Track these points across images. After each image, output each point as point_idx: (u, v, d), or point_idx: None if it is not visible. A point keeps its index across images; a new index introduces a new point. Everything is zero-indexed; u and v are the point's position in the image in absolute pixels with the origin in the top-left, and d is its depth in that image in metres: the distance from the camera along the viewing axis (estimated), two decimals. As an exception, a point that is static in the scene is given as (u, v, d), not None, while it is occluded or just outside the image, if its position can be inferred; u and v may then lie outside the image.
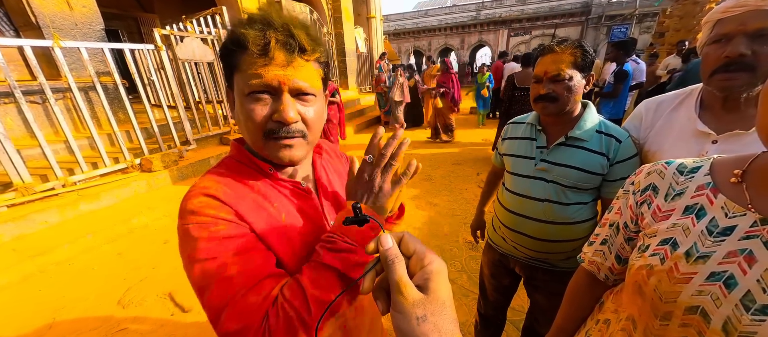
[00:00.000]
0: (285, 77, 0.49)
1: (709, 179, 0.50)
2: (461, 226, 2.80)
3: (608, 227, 0.65)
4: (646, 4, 15.79)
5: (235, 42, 0.49)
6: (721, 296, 0.42)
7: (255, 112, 0.50)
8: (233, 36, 0.49)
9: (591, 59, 0.93)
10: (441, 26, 22.41)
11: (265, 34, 0.47)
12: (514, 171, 1.10)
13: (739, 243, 0.43)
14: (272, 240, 0.53)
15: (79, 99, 3.03)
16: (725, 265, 0.43)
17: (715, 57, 0.70)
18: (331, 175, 0.70)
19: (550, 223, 1.00)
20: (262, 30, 0.47)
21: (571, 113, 0.98)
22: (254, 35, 0.47)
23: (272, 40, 0.47)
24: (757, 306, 0.39)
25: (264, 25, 0.48)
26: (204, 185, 0.53)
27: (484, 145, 5.57)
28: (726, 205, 0.46)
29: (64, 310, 1.97)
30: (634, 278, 0.54)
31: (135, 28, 8.43)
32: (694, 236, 0.47)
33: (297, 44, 0.49)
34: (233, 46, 0.49)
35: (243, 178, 0.56)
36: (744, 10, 0.65)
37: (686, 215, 0.49)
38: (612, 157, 0.92)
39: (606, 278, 0.68)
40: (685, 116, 0.83)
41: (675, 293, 0.46)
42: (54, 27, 3.34)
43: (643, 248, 0.54)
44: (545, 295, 1.13)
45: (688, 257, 0.46)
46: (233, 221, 0.50)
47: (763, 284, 0.40)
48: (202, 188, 0.53)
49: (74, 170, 3.10)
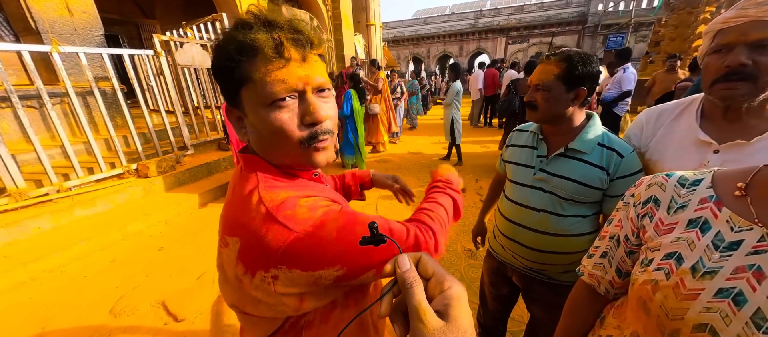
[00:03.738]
0: (306, 77, 0.47)
1: (712, 192, 0.49)
2: (460, 233, 2.77)
3: (608, 239, 0.64)
4: (642, 14, 16.02)
5: (241, 50, 0.44)
6: (730, 313, 0.41)
7: (285, 122, 0.46)
8: (236, 45, 0.44)
9: (579, 74, 0.89)
10: (440, 34, 22.64)
11: (273, 34, 0.44)
12: (513, 179, 1.09)
13: (746, 258, 0.42)
14: None
15: (76, 104, 3.02)
16: (733, 281, 0.42)
17: (716, 67, 0.70)
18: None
19: (546, 233, 0.98)
20: (268, 32, 0.44)
21: (571, 124, 0.96)
22: (264, 38, 0.43)
23: (284, 39, 0.45)
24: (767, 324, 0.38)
25: (269, 26, 0.45)
26: (268, 196, 0.47)
27: (483, 153, 5.58)
28: (731, 218, 0.45)
29: (54, 319, 1.92)
30: (639, 293, 0.52)
31: (135, 34, 8.47)
32: (699, 251, 0.46)
33: (307, 39, 0.47)
34: (239, 55, 0.44)
35: (282, 177, 0.53)
36: (745, 21, 0.65)
37: (690, 228, 0.48)
38: (612, 171, 0.89)
39: (606, 291, 0.66)
40: (687, 126, 0.82)
41: (682, 310, 0.45)
42: (53, 32, 3.34)
43: (647, 262, 0.53)
44: (543, 307, 1.11)
45: (694, 272, 0.45)
46: (322, 193, 0.54)
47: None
48: (269, 197, 0.47)
49: (70, 175, 3.07)
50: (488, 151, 5.57)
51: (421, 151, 5.75)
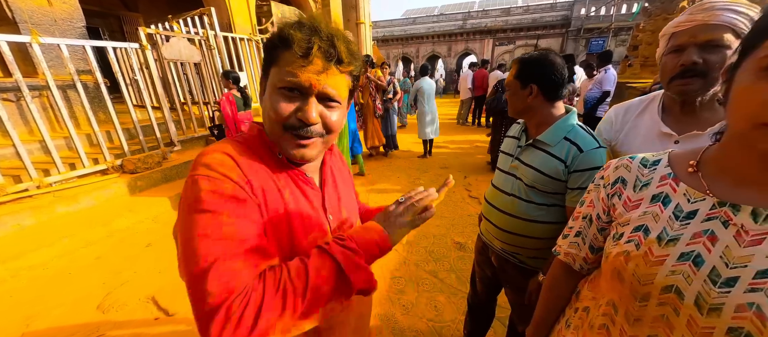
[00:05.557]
0: (317, 81, 0.53)
1: (669, 170, 0.56)
2: (450, 228, 2.85)
3: (581, 219, 0.70)
4: (622, 19, 16.64)
5: (282, 39, 0.52)
6: (691, 274, 0.46)
7: (281, 105, 0.54)
8: (281, 33, 0.52)
9: (529, 73, 1.00)
10: (428, 34, 22.79)
11: (310, 39, 0.51)
12: (499, 166, 1.20)
13: (702, 225, 0.48)
14: (272, 219, 0.55)
15: (57, 97, 2.92)
16: (692, 245, 0.48)
17: (672, 65, 0.79)
18: (336, 174, 0.73)
19: (513, 216, 1.07)
20: (309, 35, 0.51)
21: (542, 117, 1.03)
22: (300, 38, 0.50)
23: (315, 46, 0.51)
24: (722, 280, 0.44)
25: (311, 31, 0.52)
26: (224, 147, 0.54)
27: (472, 150, 5.70)
28: (687, 192, 0.51)
29: (38, 317, 1.87)
30: (613, 264, 0.58)
31: (117, 27, 8.17)
32: (663, 222, 0.53)
33: (336, 54, 0.53)
34: (278, 42, 0.53)
35: (259, 154, 0.58)
36: (694, 24, 0.74)
37: (654, 203, 0.55)
38: (569, 164, 0.95)
39: (581, 267, 0.72)
40: (650, 120, 0.91)
41: (652, 275, 0.50)
42: (32, 23, 3.21)
43: (618, 236, 0.59)
44: (513, 289, 1.21)
45: (660, 241, 0.51)
46: (242, 186, 0.51)
47: (725, 260, 0.44)
48: (222, 147, 0.54)
49: (50, 170, 2.97)
50: (477, 150, 5.70)
51: (410, 149, 5.82)
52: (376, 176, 4.47)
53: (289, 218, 0.57)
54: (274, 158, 0.60)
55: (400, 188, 3.93)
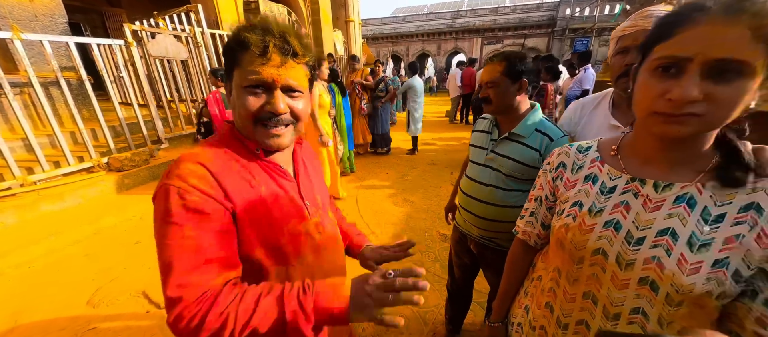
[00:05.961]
0: (278, 75, 0.58)
1: (597, 154, 0.66)
2: (436, 220, 2.96)
3: (534, 201, 0.80)
4: (605, 20, 17.17)
5: (239, 42, 0.57)
6: (613, 237, 0.57)
7: (249, 102, 0.59)
8: (237, 37, 0.58)
9: (519, 69, 1.06)
10: (418, 32, 22.97)
11: (265, 38, 0.56)
12: (472, 159, 1.27)
13: (620, 197, 0.59)
14: (251, 216, 0.60)
15: (40, 94, 2.89)
16: (613, 214, 0.58)
17: (619, 65, 0.89)
18: (307, 164, 0.80)
19: (492, 205, 1.16)
20: (262, 35, 0.56)
21: (517, 112, 1.13)
22: (256, 39, 0.56)
23: (271, 44, 0.56)
24: (634, 240, 0.54)
25: (264, 31, 0.57)
26: (197, 153, 0.60)
27: (459, 147, 5.84)
28: (609, 171, 0.62)
29: (27, 312, 1.88)
30: (557, 235, 0.69)
31: (99, 23, 7.98)
32: (592, 197, 0.63)
33: (291, 49, 0.59)
34: (236, 45, 0.58)
35: (233, 153, 0.63)
36: (636, 29, 0.85)
37: (586, 182, 0.65)
38: (543, 152, 1.06)
39: (536, 243, 0.83)
40: (602, 114, 1.02)
41: (584, 241, 0.61)
42: (12, 18, 3.16)
43: (560, 212, 0.69)
44: (493, 272, 1.29)
45: (590, 213, 0.62)
46: (211, 197, 0.55)
47: (637, 223, 0.55)
48: (194, 155, 0.59)
49: (34, 168, 2.94)
50: (464, 146, 5.84)
51: (399, 146, 5.91)
52: (365, 172, 4.55)
53: (268, 211, 0.62)
54: (250, 154, 0.65)
55: (390, 184, 4.01)
